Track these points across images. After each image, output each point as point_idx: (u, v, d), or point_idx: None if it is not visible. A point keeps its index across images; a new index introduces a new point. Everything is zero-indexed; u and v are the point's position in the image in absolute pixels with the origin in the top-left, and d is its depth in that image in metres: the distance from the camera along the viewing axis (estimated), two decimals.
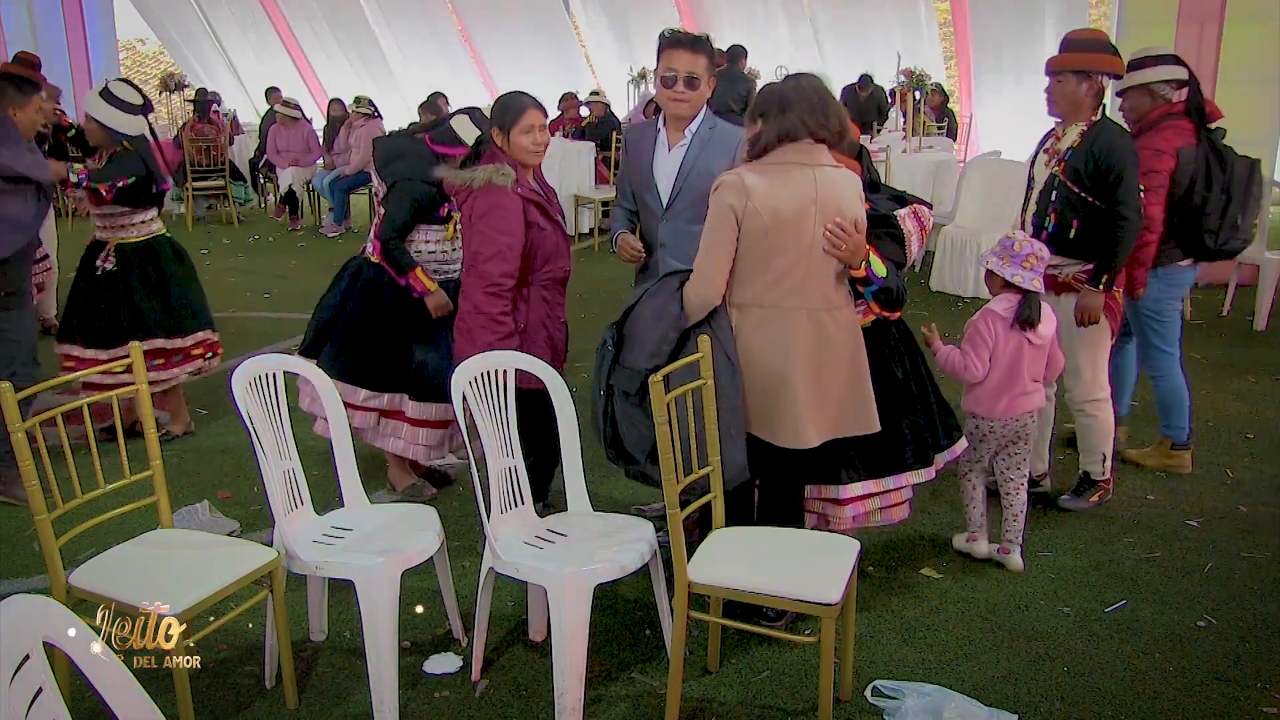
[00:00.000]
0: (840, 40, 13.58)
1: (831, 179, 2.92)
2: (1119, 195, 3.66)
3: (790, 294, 2.92)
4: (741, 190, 2.85)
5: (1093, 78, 3.74)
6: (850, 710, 2.80)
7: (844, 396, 3.02)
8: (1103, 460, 4.00)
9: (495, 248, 3.33)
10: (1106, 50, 3.83)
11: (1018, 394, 3.51)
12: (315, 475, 3.27)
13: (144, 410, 2.83)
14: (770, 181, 2.87)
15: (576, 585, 2.66)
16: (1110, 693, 2.87)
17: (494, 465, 2.93)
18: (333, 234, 10.73)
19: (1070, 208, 3.76)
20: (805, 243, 2.89)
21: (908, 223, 3.24)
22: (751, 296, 2.94)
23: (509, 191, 3.34)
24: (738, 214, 2.85)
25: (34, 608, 1.58)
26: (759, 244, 2.88)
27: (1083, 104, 3.78)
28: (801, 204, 2.87)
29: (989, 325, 3.48)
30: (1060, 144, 3.83)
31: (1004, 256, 3.50)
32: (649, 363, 2.87)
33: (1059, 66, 3.81)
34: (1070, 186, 3.74)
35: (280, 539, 2.79)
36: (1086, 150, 3.72)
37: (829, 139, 2.92)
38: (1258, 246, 6.68)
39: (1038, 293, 3.48)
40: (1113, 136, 3.71)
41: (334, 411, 3.08)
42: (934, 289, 7.66)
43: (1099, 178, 3.69)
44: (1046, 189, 3.84)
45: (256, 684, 2.92)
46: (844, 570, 2.64)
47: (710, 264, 2.90)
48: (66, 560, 2.61)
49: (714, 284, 2.90)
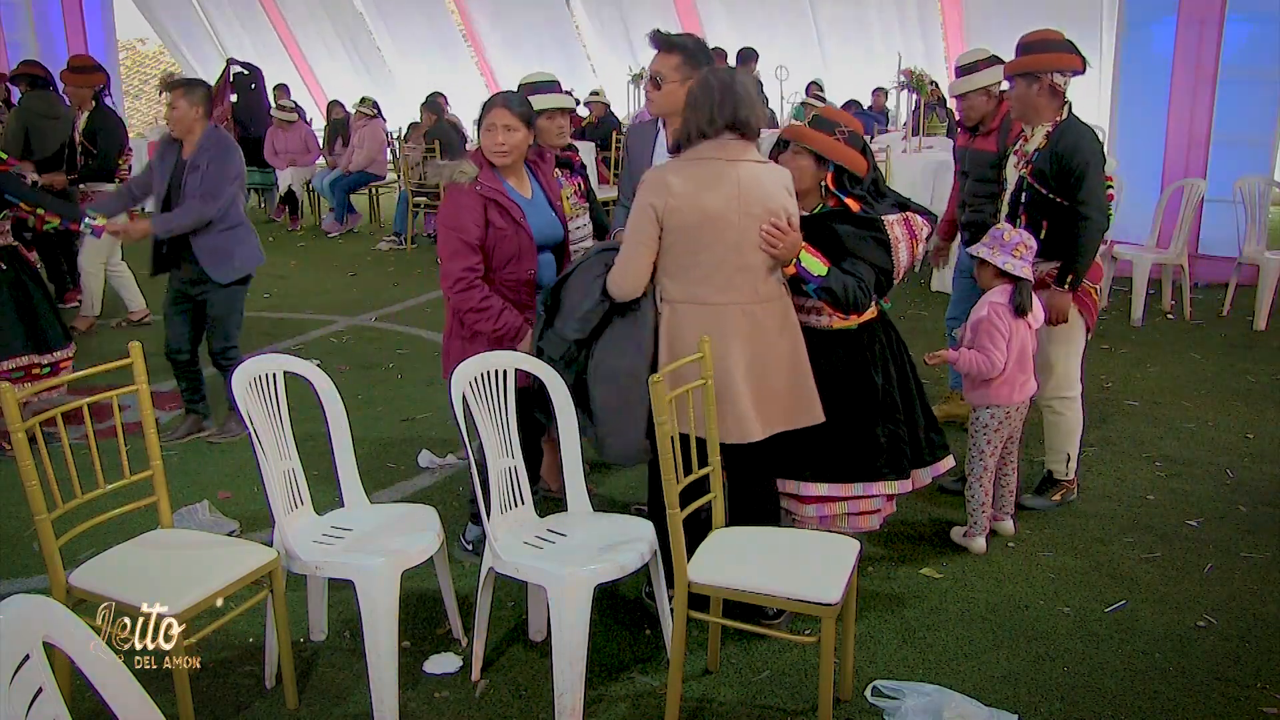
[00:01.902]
0: (841, 40, 13.58)
1: (754, 174, 2.95)
2: (1081, 195, 3.70)
3: (721, 289, 2.95)
4: (663, 188, 2.90)
5: (1042, 78, 3.74)
6: (850, 710, 2.80)
7: (788, 389, 3.05)
8: (1067, 460, 4.03)
9: (452, 246, 3.30)
10: (1057, 49, 3.79)
11: (1028, 378, 3.61)
12: (315, 475, 3.27)
13: (144, 410, 2.83)
14: (691, 179, 2.91)
15: (576, 585, 2.66)
16: (1110, 692, 2.87)
17: (494, 465, 2.93)
18: (333, 234, 10.74)
19: (1038, 209, 3.80)
20: (730, 238, 2.93)
21: (896, 229, 3.21)
22: (683, 293, 2.98)
23: (467, 189, 3.30)
24: (659, 212, 2.90)
25: (34, 607, 1.58)
26: (683, 241, 2.92)
27: (1037, 105, 3.78)
28: (724, 200, 2.91)
29: (1000, 315, 3.51)
30: (1028, 145, 3.87)
31: (994, 246, 3.54)
32: (575, 334, 3.03)
33: (1009, 71, 3.86)
34: (1037, 188, 3.77)
35: (280, 539, 2.79)
36: (1050, 151, 3.75)
37: (746, 134, 2.94)
38: (1258, 246, 6.70)
39: (1029, 280, 3.54)
40: (1076, 137, 3.74)
41: (334, 411, 3.08)
42: (934, 289, 7.65)
43: (1062, 178, 3.73)
44: (1017, 190, 3.88)
45: (256, 684, 2.92)
46: (844, 570, 2.64)
47: (629, 260, 2.96)
48: (66, 560, 2.61)
49: (631, 280, 2.97)
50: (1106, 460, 4.51)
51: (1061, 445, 4.01)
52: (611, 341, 3.04)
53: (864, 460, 3.30)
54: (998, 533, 3.75)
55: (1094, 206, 3.70)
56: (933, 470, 3.47)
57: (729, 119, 2.90)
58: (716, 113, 2.89)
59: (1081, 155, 3.69)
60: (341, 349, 6.37)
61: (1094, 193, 3.70)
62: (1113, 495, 4.15)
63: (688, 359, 2.79)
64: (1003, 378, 3.56)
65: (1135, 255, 6.85)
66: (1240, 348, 6.22)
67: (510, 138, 3.29)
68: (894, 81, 9.93)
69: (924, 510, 3.95)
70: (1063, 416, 3.97)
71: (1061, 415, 3.97)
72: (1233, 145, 7.41)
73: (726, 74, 2.96)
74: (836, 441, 3.18)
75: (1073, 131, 3.75)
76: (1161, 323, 6.83)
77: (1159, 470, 4.40)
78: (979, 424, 3.62)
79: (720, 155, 2.92)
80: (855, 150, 3.15)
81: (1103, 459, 4.52)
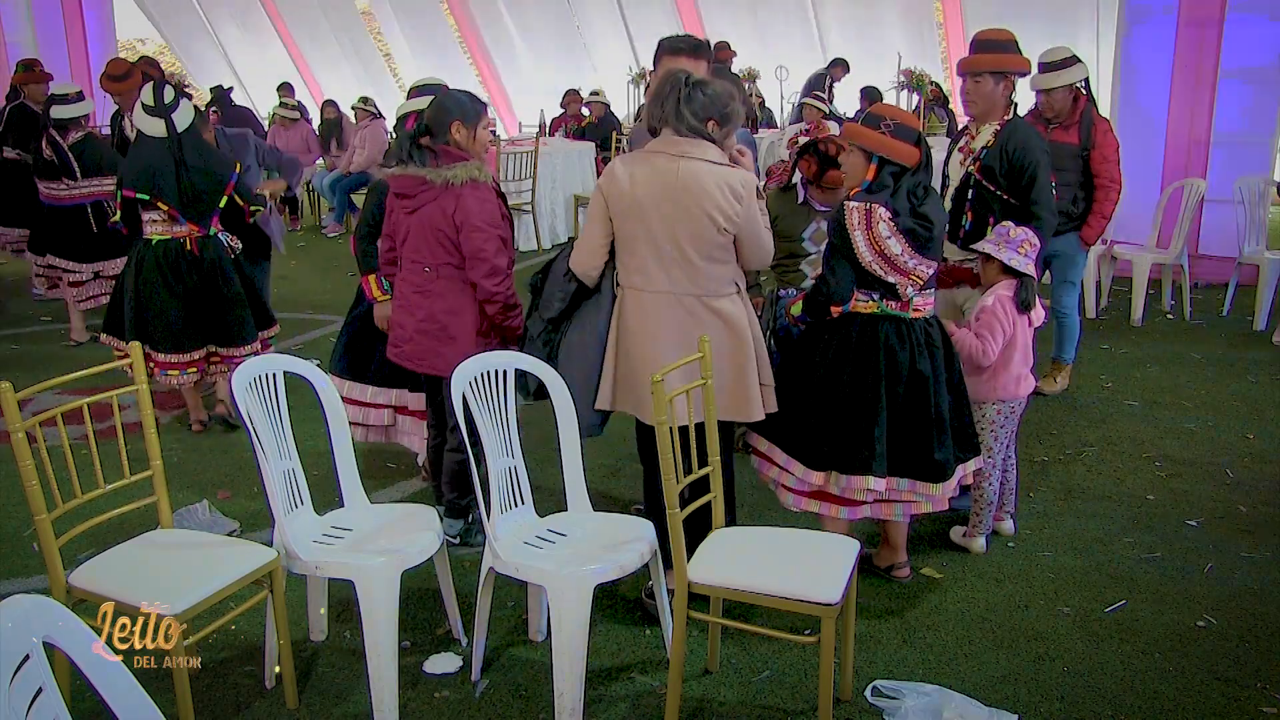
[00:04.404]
0: (842, 40, 13.56)
1: (695, 173, 2.99)
2: (1033, 195, 3.84)
3: (656, 278, 3.07)
4: (610, 175, 3.10)
5: (1008, 78, 3.87)
6: (850, 710, 2.80)
7: (724, 383, 3.07)
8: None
9: (496, 244, 3.37)
10: (1016, 50, 3.99)
11: (1028, 373, 3.64)
12: (315, 475, 3.27)
13: (144, 410, 2.83)
14: (634, 169, 3.05)
15: (576, 585, 2.66)
16: (1110, 693, 2.87)
17: (494, 465, 2.93)
18: (333, 234, 10.73)
19: (985, 206, 3.92)
20: (657, 229, 3.03)
21: (854, 216, 3.11)
22: (626, 279, 3.15)
23: (490, 186, 3.40)
24: (605, 196, 3.09)
25: (34, 607, 1.58)
26: (622, 226, 3.09)
27: (998, 103, 3.93)
28: (658, 191, 3.00)
29: (1004, 309, 3.52)
30: (975, 143, 3.93)
31: (1000, 243, 3.57)
32: (547, 314, 3.28)
33: (978, 68, 3.91)
34: (985, 185, 3.86)
35: (280, 539, 2.79)
36: (999, 149, 3.86)
37: (701, 133, 3.00)
38: (1258, 246, 6.70)
39: (1033, 277, 3.57)
40: (1025, 137, 3.86)
41: (334, 411, 3.08)
42: None
43: (1013, 176, 3.84)
44: (963, 187, 3.98)
45: (256, 684, 2.92)
46: (844, 570, 2.64)
47: (583, 238, 3.19)
48: (66, 560, 2.61)
49: (584, 256, 3.17)
50: (1106, 460, 4.51)
51: None
52: (577, 321, 3.25)
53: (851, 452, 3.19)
54: (997, 532, 3.76)
55: (1045, 206, 3.86)
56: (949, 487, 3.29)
57: (685, 117, 2.99)
58: (671, 109, 3.00)
59: (1032, 155, 3.85)
60: None
61: (1044, 192, 3.86)
62: (1112, 495, 4.15)
63: (687, 359, 2.80)
64: (1007, 372, 3.57)
65: (1135, 255, 6.85)
66: (1240, 348, 6.22)
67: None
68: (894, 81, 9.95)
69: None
70: None
71: None
72: (1233, 145, 7.40)
73: (682, 73, 3.06)
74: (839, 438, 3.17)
75: (1020, 131, 3.90)
76: (1161, 323, 6.83)
77: (1159, 470, 4.40)
78: (986, 420, 3.61)
79: (667, 150, 3.02)
80: (904, 142, 3.11)
81: (1103, 459, 4.52)
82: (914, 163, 3.13)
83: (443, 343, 3.45)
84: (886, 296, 3.18)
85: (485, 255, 3.34)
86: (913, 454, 3.19)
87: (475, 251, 3.36)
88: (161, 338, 4.60)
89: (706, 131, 3.00)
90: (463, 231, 3.35)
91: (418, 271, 3.46)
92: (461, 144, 3.41)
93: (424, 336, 3.48)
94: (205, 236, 4.64)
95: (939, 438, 3.20)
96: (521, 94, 15.38)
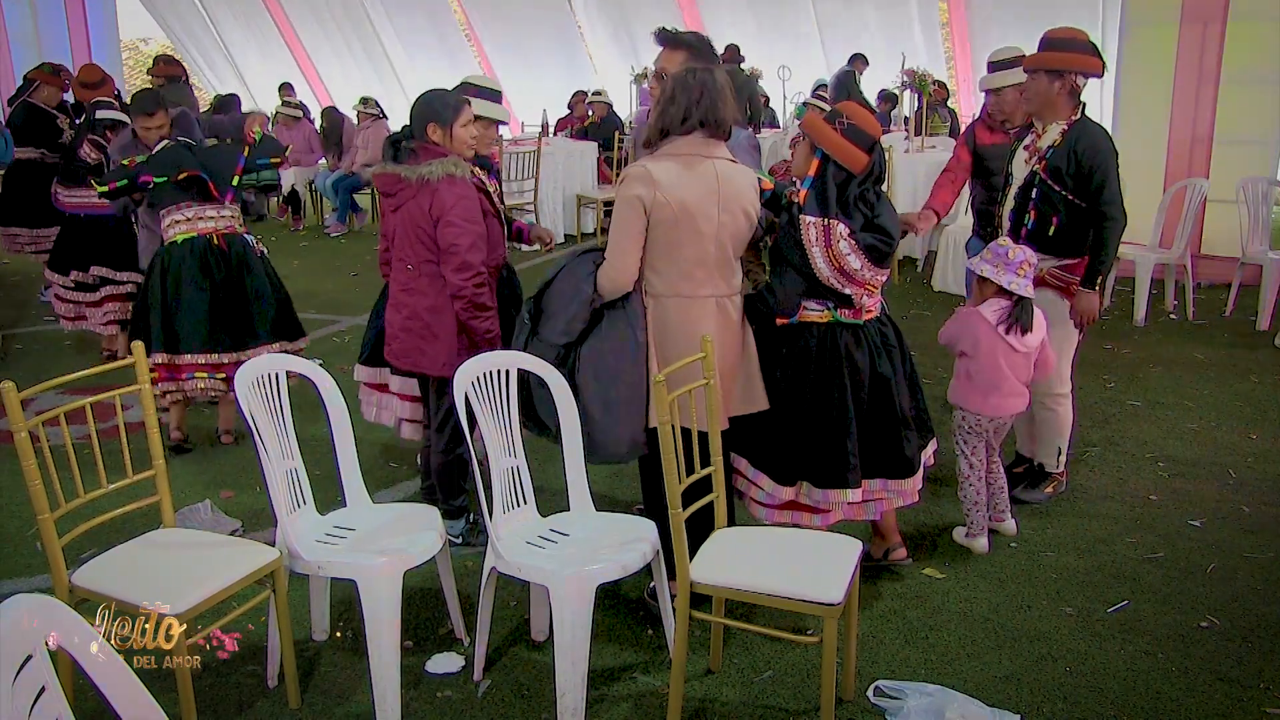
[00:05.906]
0: (842, 40, 13.56)
1: (729, 172, 3.01)
2: (1104, 197, 3.74)
3: (703, 283, 3.03)
4: (649, 181, 2.94)
5: (1066, 76, 3.77)
6: (852, 710, 2.80)
7: (741, 378, 3.09)
8: (1058, 453, 4.09)
9: (470, 240, 3.34)
10: (1083, 50, 3.82)
11: (1005, 395, 3.59)
12: (317, 475, 3.27)
13: (146, 410, 2.84)
14: (675, 172, 2.96)
15: (578, 585, 2.66)
16: (1113, 693, 2.87)
17: (496, 465, 2.93)
18: (335, 234, 10.73)
19: (1050, 205, 3.82)
20: (709, 232, 2.98)
21: (812, 232, 3.08)
22: (667, 287, 3.03)
23: (466, 182, 3.38)
24: (646, 204, 2.95)
25: (37, 607, 1.58)
26: (668, 234, 2.97)
27: (1055, 102, 3.81)
28: (704, 193, 2.96)
29: (983, 332, 3.54)
30: (1041, 141, 3.87)
31: (998, 264, 3.53)
32: (562, 338, 3.04)
33: (1033, 65, 3.86)
34: (1051, 185, 3.79)
35: (283, 538, 2.79)
36: (1068, 149, 3.76)
37: (718, 133, 2.99)
38: (1261, 246, 6.69)
39: (1030, 298, 3.55)
40: (1095, 138, 3.77)
41: (335, 410, 3.08)
42: (937, 288, 7.64)
43: (1081, 178, 3.75)
44: (1026, 186, 3.90)
45: (259, 683, 2.92)
46: (846, 570, 2.64)
47: (620, 254, 2.99)
48: (69, 560, 2.62)
49: (624, 272, 3.00)
50: (1109, 460, 4.50)
51: (1053, 439, 4.08)
52: (600, 339, 3.04)
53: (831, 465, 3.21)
54: (1000, 533, 3.76)
55: (1117, 207, 3.76)
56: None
57: (704, 116, 2.95)
58: (693, 110, 2.95)
59: (1102, 156, 3.73)
60: (344, 349, 6.37)
61: (1115, 193, 3.75)
62: (1115, 495, 4.15)
63: (687, 360, 2.79)
64: (971, 385, 3.59)
65: (1138, 255, 6.84)
66: (1243, 348, 6.21)
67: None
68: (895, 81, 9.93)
69: (926, 510, 3.94)
70: (1054, 413, 4.03)
71: (1054, 411, 4.03)
72: (1235, 145, 7.39)
73: (704, 72, 3.01)
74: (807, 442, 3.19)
75: (1091, 133, 3.78)
76: (1164, 323, 6.83)
77: (1162, 470, 4.40)
78: (955, 423, 3.70)
79: (701, 152, 2.98)
80: (854, 145, 3.06)
81: (1105, 459, 4.52)
82: (858, 169, 3.07)
83: (426, 340, 3.45)
84: (841, 305, 3.16)
85: (457, 250, 3.33)
86: (883, 454, 3.25)
87: (448, 245, 3.34)
88: (190, 334, 4.46)
89: (725, 130, 2.99)
90: (438, 226, 3.35)
91: (403, 270, 3.48)
92: (439, 144, 3.42)
93: (409, 335, 3.49)
94: (231, 234, 4.62)
95: (905, 434, 3.26)
96: (523, 94, 15.38)
